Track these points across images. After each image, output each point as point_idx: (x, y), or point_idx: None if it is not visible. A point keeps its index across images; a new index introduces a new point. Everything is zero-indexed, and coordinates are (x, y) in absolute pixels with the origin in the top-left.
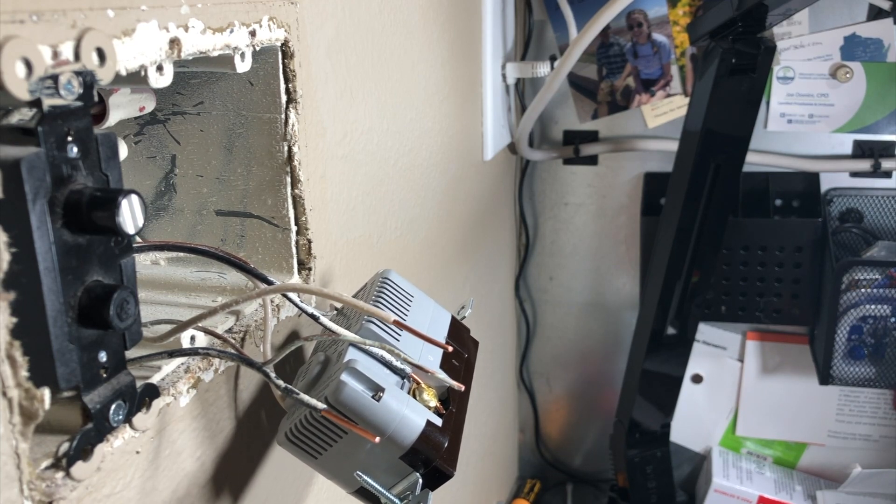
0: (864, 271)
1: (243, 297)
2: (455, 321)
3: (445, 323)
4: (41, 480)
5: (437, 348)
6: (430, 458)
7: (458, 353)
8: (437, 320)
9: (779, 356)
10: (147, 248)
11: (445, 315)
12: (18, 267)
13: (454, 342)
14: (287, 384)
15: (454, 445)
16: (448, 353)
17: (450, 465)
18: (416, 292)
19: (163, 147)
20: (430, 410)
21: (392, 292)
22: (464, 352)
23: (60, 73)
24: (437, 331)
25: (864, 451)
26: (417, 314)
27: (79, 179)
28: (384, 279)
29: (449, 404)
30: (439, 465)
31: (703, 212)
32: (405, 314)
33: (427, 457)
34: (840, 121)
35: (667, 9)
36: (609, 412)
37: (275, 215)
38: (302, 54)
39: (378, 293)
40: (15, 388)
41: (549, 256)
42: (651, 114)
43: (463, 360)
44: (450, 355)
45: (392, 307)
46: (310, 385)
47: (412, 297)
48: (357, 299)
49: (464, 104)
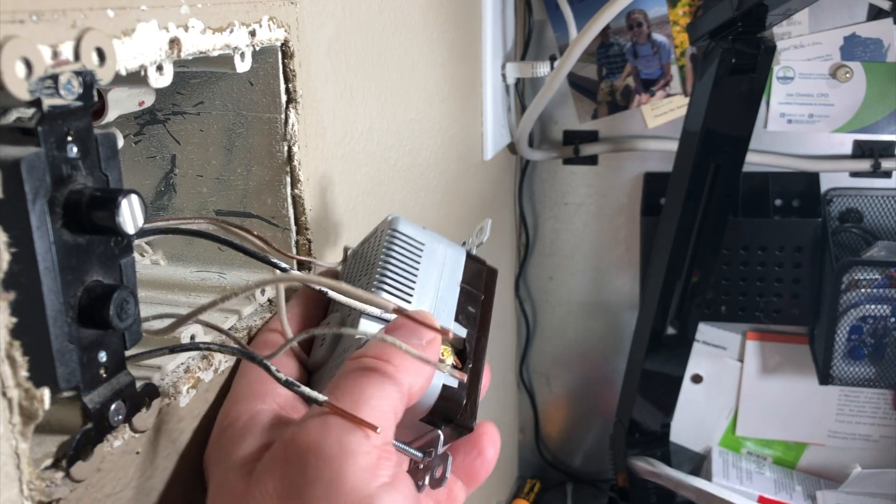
0: (863, 271)
1: (242, 288)
2: (469, 260)
3: (460, 266)
4: (41, 480)
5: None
6: (450, 417)
7: (472, 296)
8: (451, 266)
9: (779, 356)
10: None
11: (459, 256)
12: (18, 267)
13: (470, 284)
14: (288, 378)
15: (473, 399)
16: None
17: (470, 419)
18: (426, 238)
19: (162, 147)
20: (445, 370)
21: (401, 247)
22: (479, 293)
23: (60, 72)
24: (451, 277)
25: (864, 451)
26: (429, 265)
27: (78, 179)
28: (392, 233)
29: (465, 356)
30: (459, 421)
31: (702, 212)
32: (415, 269)
33: (447, 416)
34: (840, 121)
35: (667, 9)
36: (609, 412)
37: (274, 215)
38: (302, 54)
39: (387, 250)
40: (15, 388)
41: (549, 256)
42: (651, 114)
43: (479, 303)
44: (466, 300)
45: (403, 264)
46: (327, 354)
47: (422, 246)
48: (357, 288)
49: (464, 104)
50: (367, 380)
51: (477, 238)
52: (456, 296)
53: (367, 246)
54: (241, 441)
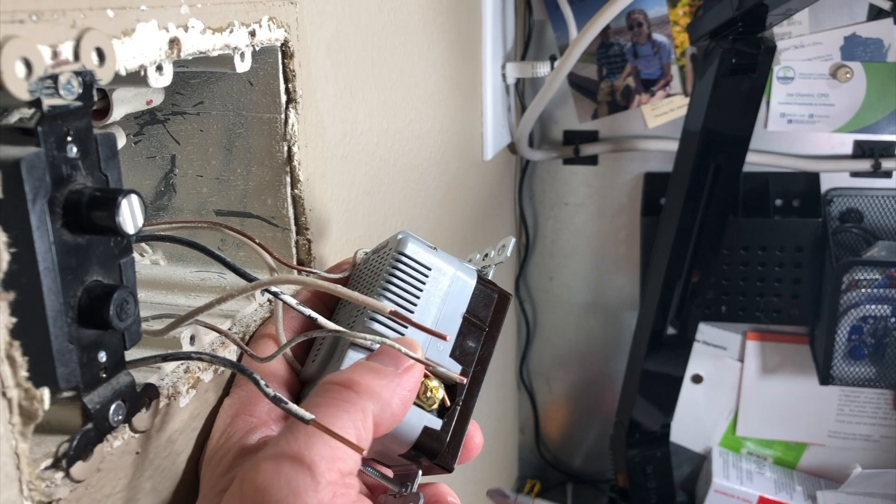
0: (864, 271)
1: (238, 290)
2: (480, 286)
3: (466, 295)
4: (41, 481)
5: (452, 329)
6: (429, 457)
7: (475, 329)
8: (456, 295)
9: (779, 356)
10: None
11: (468, 282)
12: (18, 267)
13: (473, 314)
14: (276, 393)
15: (455, 441)
16: (465, 330)
17: (449, 461)
18: (434, 262)
19: (162, 147)
20: (431, 410)
21: (405, 272)
22: (483, 325)
23: (60, 72)
24: (455, 307)
25: (865, 452)
26: (432, 293)
27: (78, 179)
28: (398, 256)
29: (456, 394)
30: (438, 463)
31: (703, 212)
32: (416, 296)
33: (427, 453)
34: (840, 121)
35: (667, 9)
36: (609, 412)
37: (275, 215)
38: (302, 54)
39: (390, 275)
40: (15, 388)
41: (549, 256)
42: (651, 114)
43: (481, 338)
44: (467, 334)
45: (404, 291)
46: (317, 371)
47: (428, 272)
48: (354, 291)
49: (464, 104)
50: (328, 408)
51: (497, 256)
52: (457, 328)
53: (375, 259)
54: (219, 464)
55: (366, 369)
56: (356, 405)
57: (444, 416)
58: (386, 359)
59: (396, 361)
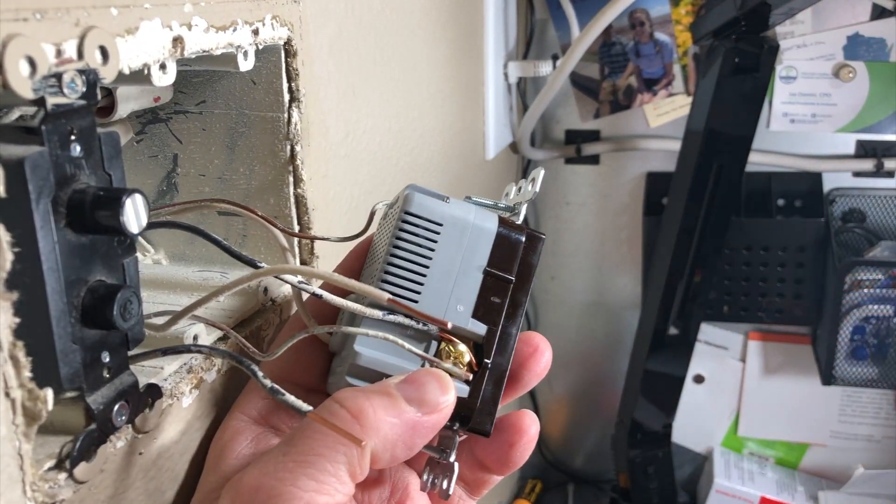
0: (866, 271)
1: (239, 280)
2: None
3: (487, 245)
4: (44, 482)
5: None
6: (462, 424)
7: (499, 283)
8: (473, 248)
9: (781, 356)
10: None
11: (488, 230)
12: (21, 267)
13: (498, 266)
14: (273, 384)
15: (488, 404)
16: (487, 286)
17: (485, 426)
18: (446, 215)
19: (164, 146)
20: (457, 374)
21: (413, 233)
22: (509, 276)
23: (64, 71)
24: (473, 262)
25: (867, 452)
26: (446, 251)
27: (82, 178)
28: (404, 216)
29: (483, 354)
30: (473, 429)
31: (705, 211)
32: (428, 258)
33: (459, 419)
34: (843, 120)
35: (669, 8)
36: (611, 412)
37: (277, 215)
38: (305, 53)
39: (397, 238)
40: (18, 388)
41: (551, 256)
42: (653, 113)
43: (507, 290)
44: (490, 289)
45: (412, 254)
46: (338, 344)
47: (440, 228)
48: (355, 280)
49: (465, 103)
50: (328, 436)
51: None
52: (478, 286)
53: (388, 217)
54: (216, 466)
55: (383, 401)
56: (357, 441)
57: (471, 383)
58: (411, 391)
59: (421, 398)
